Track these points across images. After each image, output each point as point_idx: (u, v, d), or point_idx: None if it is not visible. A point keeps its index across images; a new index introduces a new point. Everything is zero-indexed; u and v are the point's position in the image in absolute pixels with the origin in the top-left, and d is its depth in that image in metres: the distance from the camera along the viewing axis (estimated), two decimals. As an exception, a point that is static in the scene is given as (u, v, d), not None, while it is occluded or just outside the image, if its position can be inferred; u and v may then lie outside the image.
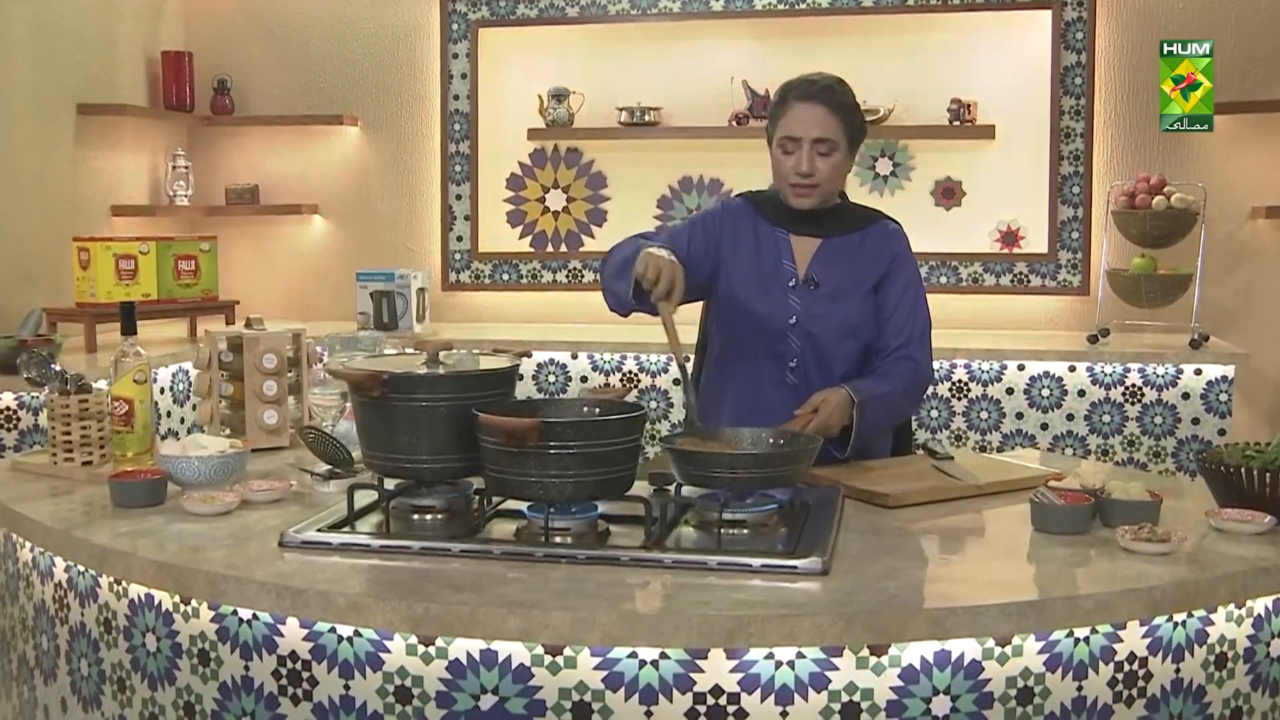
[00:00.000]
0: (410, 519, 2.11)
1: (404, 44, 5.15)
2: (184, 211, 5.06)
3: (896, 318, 2.63)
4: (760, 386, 2.61)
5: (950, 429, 4.40)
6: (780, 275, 2.64)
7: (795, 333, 2.61)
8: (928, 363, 2.67)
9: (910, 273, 2.67)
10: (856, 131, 2.62)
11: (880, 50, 4.91)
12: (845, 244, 2.65)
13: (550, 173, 5.19)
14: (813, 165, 2.55)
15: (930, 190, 4.94)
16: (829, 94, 2.57)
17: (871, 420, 2.48)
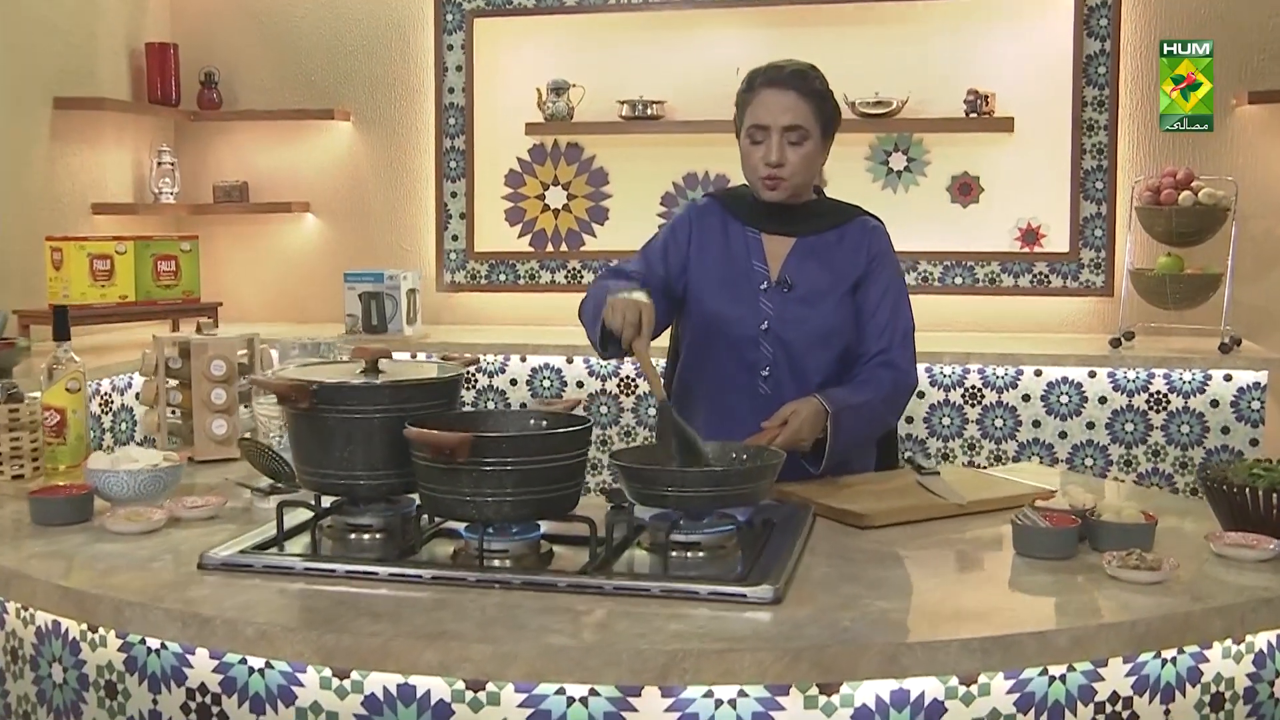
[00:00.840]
0: (347, 538, 2.03)
1: (397, 34, 5.08)
2: (169, 209, 5.00)
3: (876, 321, 2.52)
4: (731, 398, 2.51)
5: (963, 437, 4.28)
6: (751, 278, 2.53)
7: (767, 339, 2.50)
8: (911, 368, 2.56)
9: (891, 273, 2.57)
10: (830, 120, 2.51)
11: (893, 39, 4.79)
12: (821, 243, 2.55)
13: (550, 169, 5.10)
14: (782, 154, 2.45)
15: (946, 186, 4.82)
16: (799, 79, 2.47)
17: (847, 432, 2.37)
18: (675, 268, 2.57)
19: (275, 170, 5.22)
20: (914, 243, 4.78)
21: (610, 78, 4.96)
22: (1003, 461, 4.26)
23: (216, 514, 2.17)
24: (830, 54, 4.81)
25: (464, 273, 5.09)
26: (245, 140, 5.23)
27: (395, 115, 5.12)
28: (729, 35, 4.89)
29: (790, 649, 1.56)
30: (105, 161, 4.84)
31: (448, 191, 5.07)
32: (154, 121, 5.05)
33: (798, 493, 2.26)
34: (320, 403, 1.96)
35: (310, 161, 5.20)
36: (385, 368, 2.08)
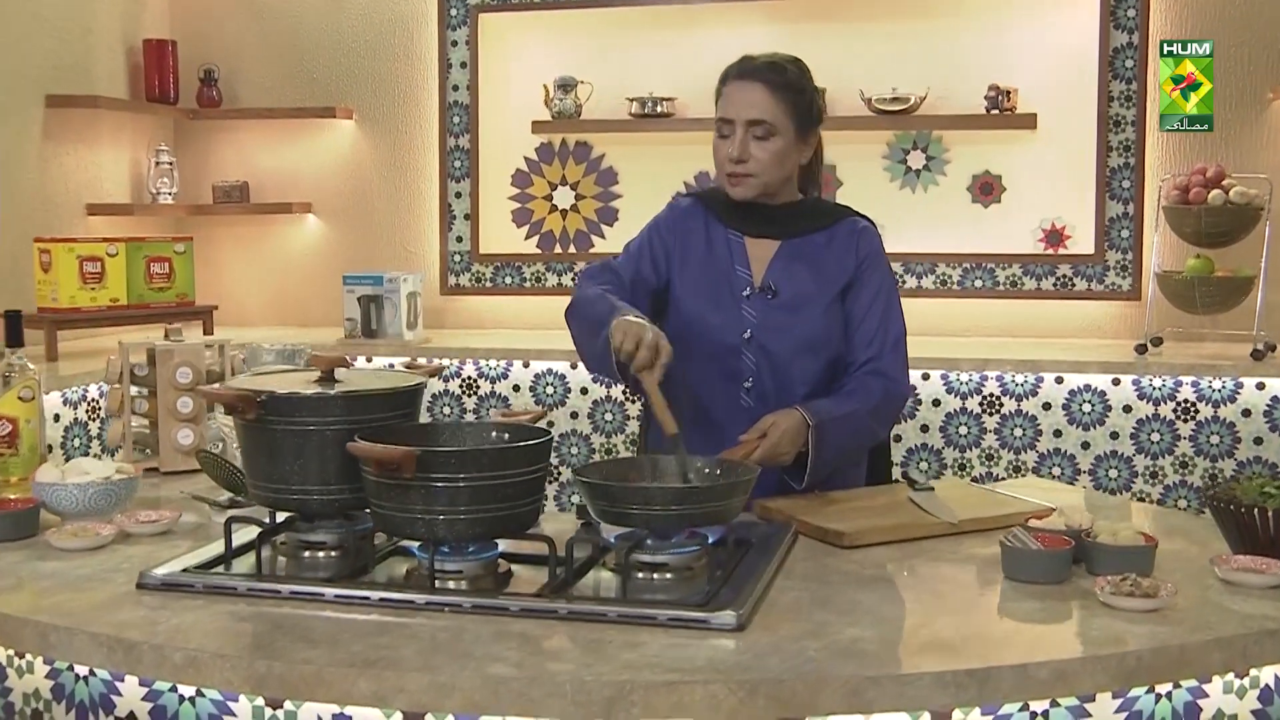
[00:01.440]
0: (300, 556, 1.96)
1: (401, 30, 5.03)
2: (167, 210, 4.97)
3: (865, 327, 2.43)
4: (712, 410, 2.42)
5: (981, 447, 4.18)
6: (733, 283, 2.45)
7: (750, 348, 2.42)
8: (903, 377, 2.46)
9: (882, 276, 2.48)
10: (805, 116, 2.42)
11: (910, 32, 4.69)
12: (808, 245, 2.46)
13: (558, 168, 5.04)
14: (745, 150, 2.37)
15: (967, 186, 4.72)
16: (769, 72, 2.39)
17: (832, 446, 2.29)
18: (659, 270, 2.49)
19: (276, 170, 5.17)
20: (933, 244, 4.69)
21: (619, 74, 4.89)
22: (1021, 473, 4.16)
23: (170, 529, 2.11)
24: (846, 48, 4.78)
25: (468, 275, 5.03)
26: (246, 139, 5.19)
27: (399, 113, 5.06)
28: (742, 30, 4.80)
29: (747, 681, 1.48)
30: (101, 161, 4.81)
31: (452, 192, 5.01)
32: (152, 120, 5.01)
33: (780, 510, 2.18)
34: (269, 414, 1.89)
35: (312, 161, 5.15)
36: (342, 377, 2.01)
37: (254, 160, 5.20)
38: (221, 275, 5.21)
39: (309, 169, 5.15)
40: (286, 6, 5.10)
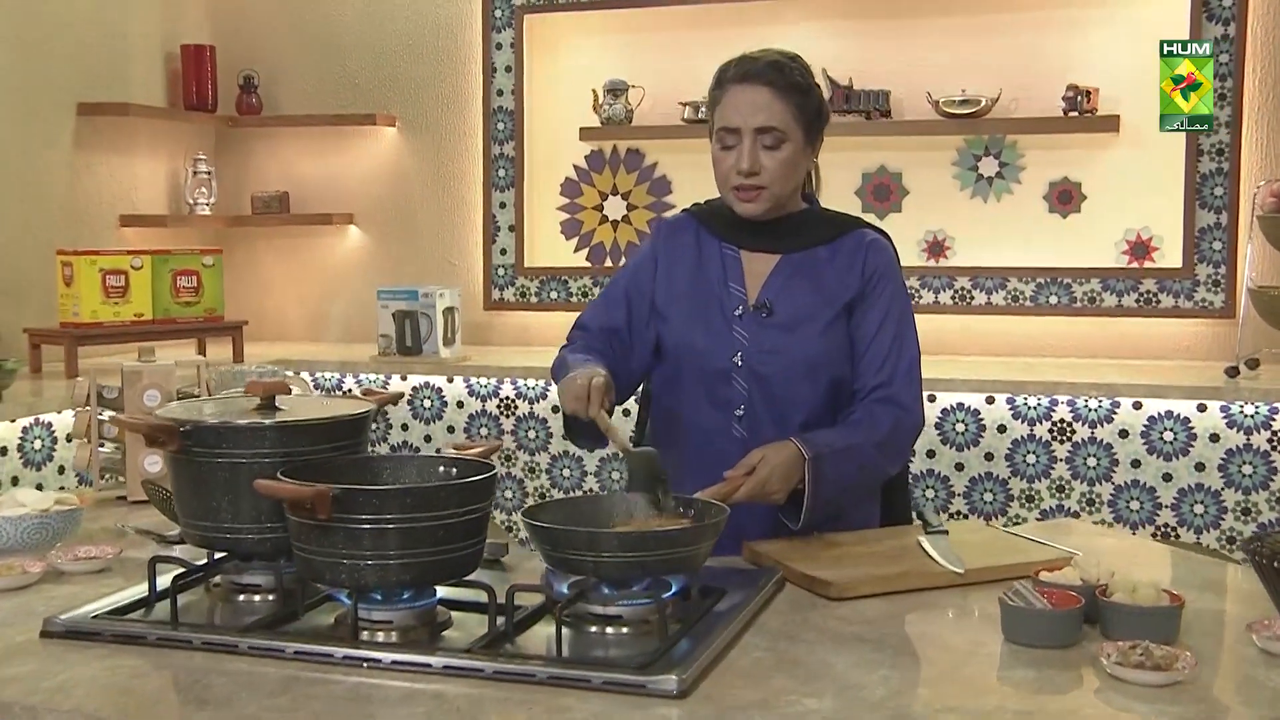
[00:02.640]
0: (236, 600, 1.86)
1: (444, 33, 4.96)
2: (204, 222, 4.95)
3: (874, 350, 2.26)
4: (704, 443, 2.27)
5: (1050, 477, 3.96)
6: (725, 302, 2.31)
7: (741, 373, 2.27)
8: (916, 406, 2.29)
9: (893, 293, 2.31)
10: (814, 118, 2.28)
11: (981, 29, 4.49)
12: (809, 260, 2.31)
13: (609, 177, 4.92)
14: (755, 161, 2.22)
15: (1044, 194, 4.50)
16: (774, 72, 2.23)
17: (831, 482, 2.12)
18: (640, 309, 2.37)
19: (318, 180, 5.13)
20: (1005, 257, 4.49)
21: (672, 77, 4.76)
22: (1095, 506, 3.93)
23: (108, 566, 2.03)
24: (911, 47, 4.60)
25: (513, 290, 4.94)
26: (286, 148, 5.16)
27: (442, 120, 4.99)
28: (801, 29, 4.65)
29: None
30: (136, 171, 4.81)
31: (496, 202, 4.92)
32: (190, 128, 5.00)
33: (769, 554, 2.03)
34: (194, 445, 1.80)
35: (354, 170, 5.10)
36: (285, 405, 1.91)
37: (295, 170, 5.16)
38: (260, 289, 5.18)
39: (351, 179, 5.11)
40: (328, 9, 5.06)
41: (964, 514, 4.01)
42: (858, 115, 4.52)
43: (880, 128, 4.52)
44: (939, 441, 4.03)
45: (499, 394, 4.44)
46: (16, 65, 4.28)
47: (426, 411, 4.53)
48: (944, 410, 4.02)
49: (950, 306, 4.49)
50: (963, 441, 4.01)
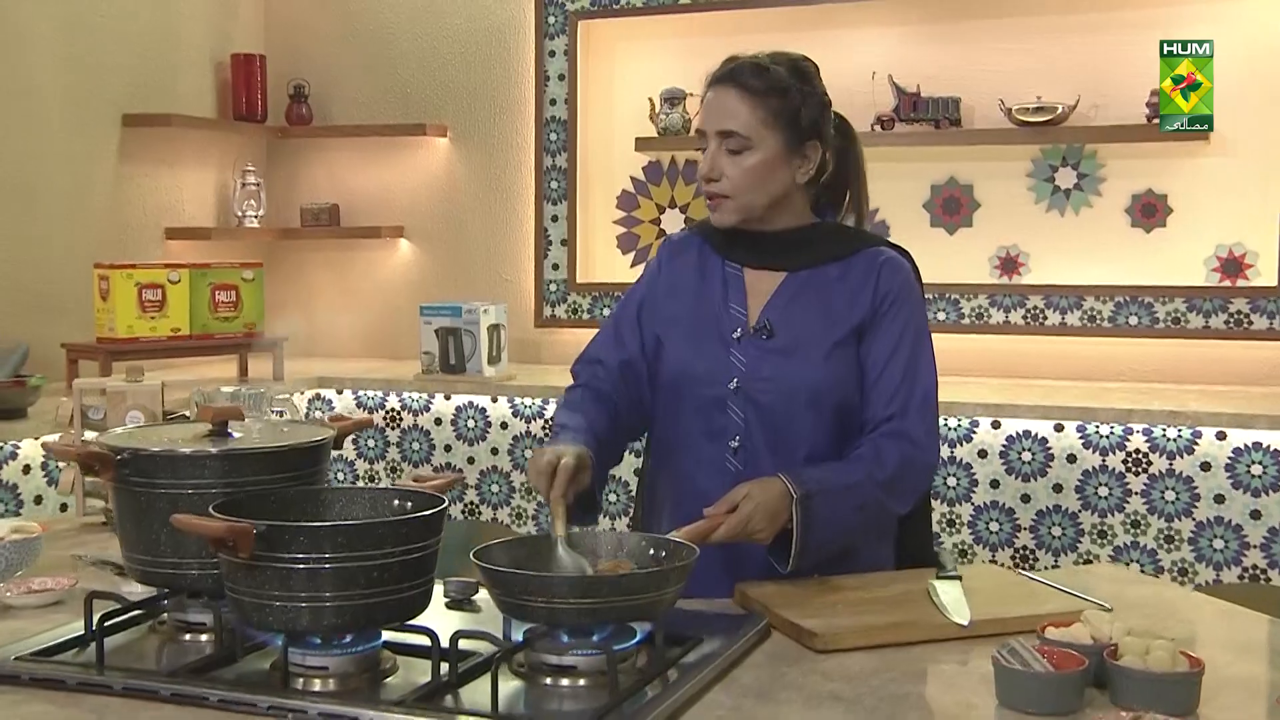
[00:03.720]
0: (180, 639, 1.79)
1: (496, 41, 4.90)
2: (251, 234, 4.95)
3: (886, 380, 2.12)
4: (697, 477, 2.15)
5: (1125, 512, 3.77)
6: (723, 323, 2.19)
7: (737, 400, 2.15)
8: (930, 441, 2.14)
9: (908, 318, 2.16)
10: (792, 123, 2.13)
11: (1058, 31, 4.31)
12: (817, 279, 2.18)
13: (666, 189, 4.83)
14: (714, 166, 2.13)
15: (1126, 207, 4.30)
16: (749, 73, 2.12)
17: (824, 523, 1.98)
18: (650, 335, 2.26)
19: (368, 191, 5.11)
20: (1082, 275, 4.30)
21: (730, 84, 4.65)
22: (1174, 544, 3.73)
23: (62, 599, 1.97)
24: (982, 51, 4.43)
25: (564, 306, 4.86)
26: (337, 159, 5.14)
27: (494, 131, 4.93)
28: (868, 34, 4.52)
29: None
30: (183, 183, 4.82)
31: (548, 215, 4.85)
32: (239, 139, 5.00)
33: (759, 598, 1.91)
34: (133, 474, 1.73)
35: (405, 182, 5.07)
36: (237, 432, 1.84)
37: (345, 181, 5.14)
38: (309, 303, 5.16)
39: (401, 190, 5.07)
40: (380, 17, 5.04)
41: (1030, 549, 3.84)
42: (926, 124, 4.37)
43: (950, 137, 4.37)
44: (1003, 471, 3.86)
45: (544, 415, 4.35)
46: (64, 77, 4.30)
47: (470, 432, 4.46)
48: (1009, 438, 3.84)
49: (1021, 327, 4.31)
50: (1029, 471, 3.84)
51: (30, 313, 4.19)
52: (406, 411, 4.54)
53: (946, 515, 3.90)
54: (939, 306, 4.38)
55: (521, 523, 4.42)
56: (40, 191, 4.24)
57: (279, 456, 1.78)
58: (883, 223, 4.53)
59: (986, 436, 3.87)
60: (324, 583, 1.56)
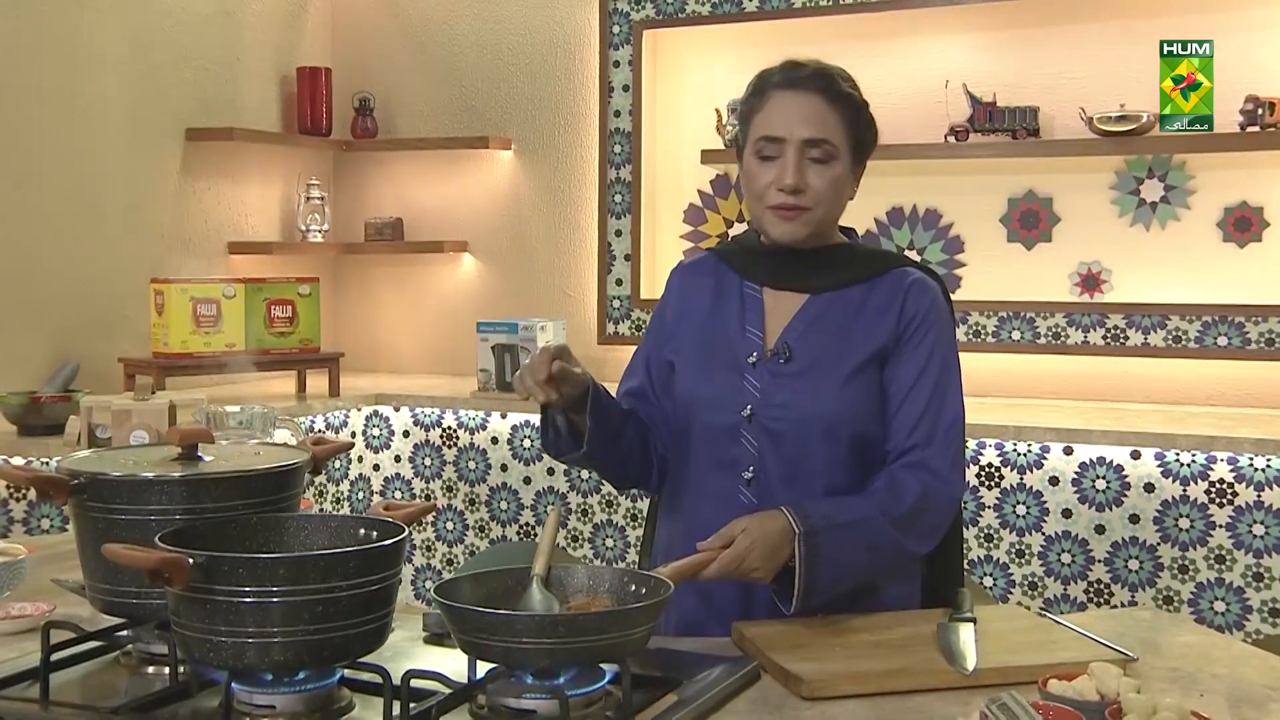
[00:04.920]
0: (144, 672, 1.75)
1: (561, 51, 4.86)
2: (314, 249, 4.96)
3: (909, 408, 2.02)
4: (707, 510, 2.05)
5: (1207, 545, 3.58)
6: (738, 347, 2.09)
7: (751, 428, 2.05)
8: (953, 475, 2.03)
9: (935, 342, 2.06)
10: (864, 136, 2.06)
11: (1143, 37, 4.13)
12: (840, 301, 2.07)
13: (734, 203, 4.74)
14: (802, 176, 1.99)
15: (1217, 221, 4.11)
16: (824, 80, 2.03)
17: (831, 562, 1.88)
18: (660, 368, 2.19)
19: (433, 205, 5.09)
20: (1167, 293, 4.12)
21: (800, 94, 4.54)
22: (1264, 581, 3.54)
23: (37, 626, 1.93)
24: (1062, 58, 4.28)
25: (628, 323, 4.78)
26: (402, 172, 5.14)
27: (558, 143, 4.89)
28: (940, 41, 4.39)
29: None
30: (247, 197, 4.84)
31: (612, 230, 4.78)
32: (304, 153, 5.02)
33: (754, 638, 1.81)
34: (90, 500, 1.69)
35: (469, 196, 5.04)
36: (207, 455, 1.79)
37: (410, 195, 5.13)
38: (372, 319, 5.17)
39: (465, 204, 5.05)
40: (445, 29, 5.03)
41: (1105, 583, 3.67)
42: (1003, 135, 4.23)
43: (1028, 148, 4.21)
44: (1076, 499, 3.69)
45: (602, 435, 4.27)
46: (128, 92, 4.35)
47: (526, 452, 4.41)
48: (1082, 464, 3.68)
49: (1100, 348, 4.14)
50: (1104, 501, 3.67)
51: (92, 327, 4.23)
52: (463, 430, 4.50)
53: (1015, 545, 3.75)
54: (1014, 325, 4.23)
55: (577, 545, 4.35)
56: (103, 206, 4.29)
57: (244, 482, 1.73)
58: (957, 238, 4.39)
59: (1058, 463, 3.71)
60: (265, 617, 1.50)
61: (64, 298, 4.15)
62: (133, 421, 2.39)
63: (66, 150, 4.16)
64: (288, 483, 1.78)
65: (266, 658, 1.52)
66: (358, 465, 4.57)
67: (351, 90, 5.06)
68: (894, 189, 4.49)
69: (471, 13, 4.98)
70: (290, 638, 1.51)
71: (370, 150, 5.09)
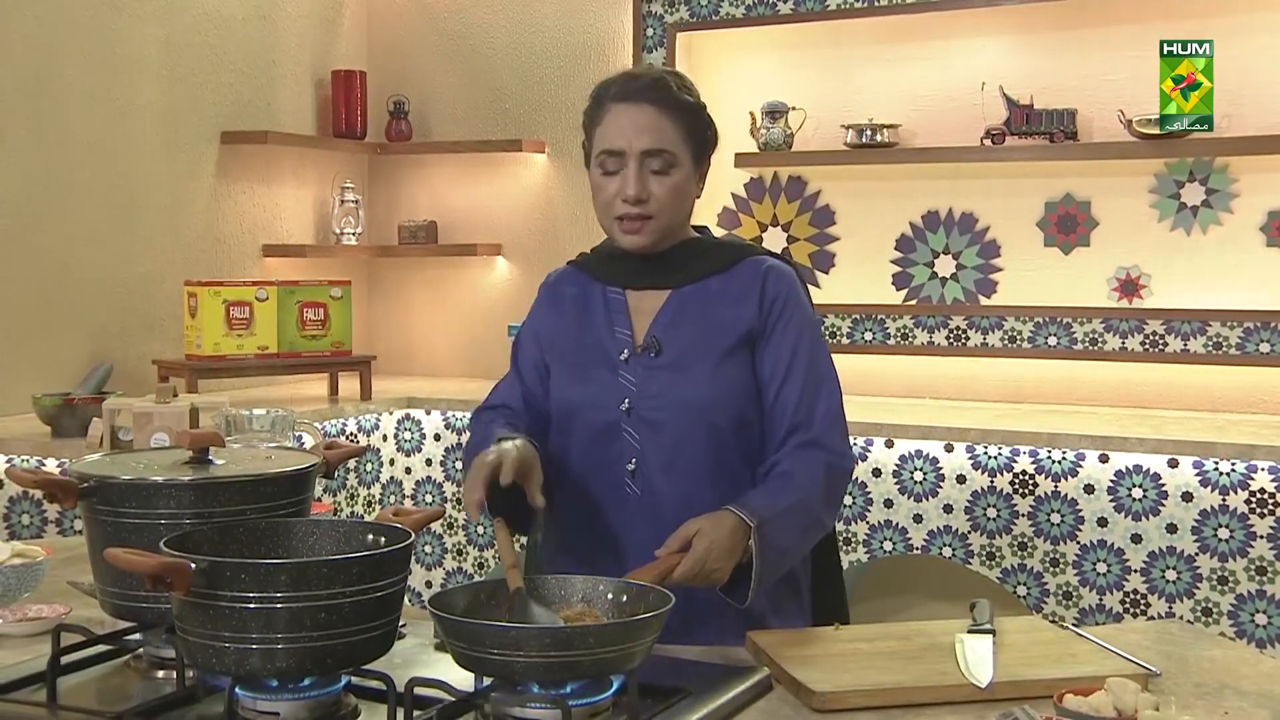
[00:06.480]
0: (153, 677, 1.75)
1: (595, 54, 4.84)
2: (348, 252, 4.97)
3: (788, 390, 2.08)
4: (596, 506, 2.10)
5: (1248, 556, 3.52)
6: (609, 348, 2.13)
7: (630, 422, 2.09)
8: (845, 447, 2.11)
9: (801, 324, 2.11)
10: (703, 140, 2.12)
11: (1183, 35, 4.06)
12: (701, 292, 2.13)
13: (768, 207, 4.71)
14: (643, 187, 2.04)
15: (1260, 225, 4.05)
16: (658, 90, 2.07)
17: (777, 550, 1.93)
18: (541, 378, 2.21)
19: (466, 208, 5.09)
20: (1208, 298, 4.06)
21: (835, 98, 4.53)
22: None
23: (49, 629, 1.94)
24: (1100, 60, 4.22)
25: (661, 327, 4.75)
26: (436, 175, 5.14)
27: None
28: (978, 43, 4.35)
29: None
30: (281, 200, 4.86)
31: (643, 234, 4.76)
32: (339, 156, 5.03)
33: (766, 646, 1.79)
34: (99, 504, 1.69)
35: (503, 199, 5.04)
36: (218, 459, 1.79)
37: (444, 198, 5.14)
38: (407, 321, 5.17)
39: (499, 207, 5.05)
40: (480, 33, 5.02)
41: (1142, 594, 3.61)
42: (1040, 138, 4.18)
43: (1066, 151, 4.16)
44: (1112, 508, 3.64)
45: (633, 440, 4.26)
46: (164, 95, 4.38)
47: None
48: (1118, 473, 3.62)
49: (1139, 354, 4.08)
50: (1140, 510, 3.61)
51: (128, 329, 4.26)
52: (495, 434, 4.49)
53: (1050, 554, 3.70)
54: (1050, 331, 4.18)
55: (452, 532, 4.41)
56: (139, 209, 4.31)
57: (253, 486, 1.72)
58: (993, 243, 4.34)
59: (1094, 471, 3.65)
60: (268, 623, 1.49)
61: (99, 300, 4.18)
62: (154, 424, 2.40)
63: (103, 153, 4.19)
64: (298, 487, 1.78)
65: (270, 664, 1.51)
66: (389, 469, 4.57)
67: (386, 93, 5.07)
68: (929, 192, 4.45)
69: (505, 16, 4.98)
70: (294, 644, 1.50)
71: (404, 153, 5.10)
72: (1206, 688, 1.71)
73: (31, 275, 3.97)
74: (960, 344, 4.34)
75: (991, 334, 4.29)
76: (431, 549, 4.56)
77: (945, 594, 3.81)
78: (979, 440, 3.74)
